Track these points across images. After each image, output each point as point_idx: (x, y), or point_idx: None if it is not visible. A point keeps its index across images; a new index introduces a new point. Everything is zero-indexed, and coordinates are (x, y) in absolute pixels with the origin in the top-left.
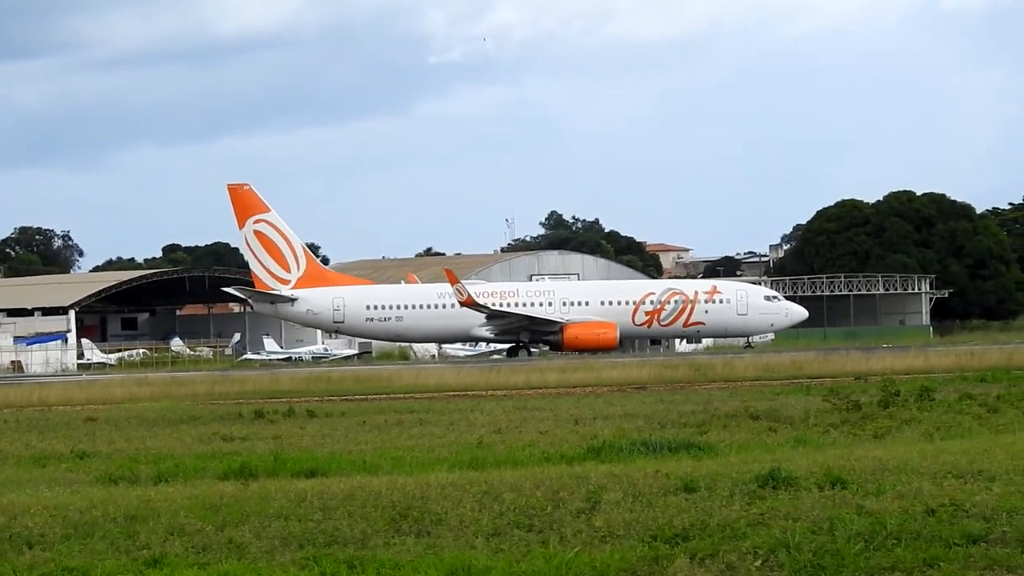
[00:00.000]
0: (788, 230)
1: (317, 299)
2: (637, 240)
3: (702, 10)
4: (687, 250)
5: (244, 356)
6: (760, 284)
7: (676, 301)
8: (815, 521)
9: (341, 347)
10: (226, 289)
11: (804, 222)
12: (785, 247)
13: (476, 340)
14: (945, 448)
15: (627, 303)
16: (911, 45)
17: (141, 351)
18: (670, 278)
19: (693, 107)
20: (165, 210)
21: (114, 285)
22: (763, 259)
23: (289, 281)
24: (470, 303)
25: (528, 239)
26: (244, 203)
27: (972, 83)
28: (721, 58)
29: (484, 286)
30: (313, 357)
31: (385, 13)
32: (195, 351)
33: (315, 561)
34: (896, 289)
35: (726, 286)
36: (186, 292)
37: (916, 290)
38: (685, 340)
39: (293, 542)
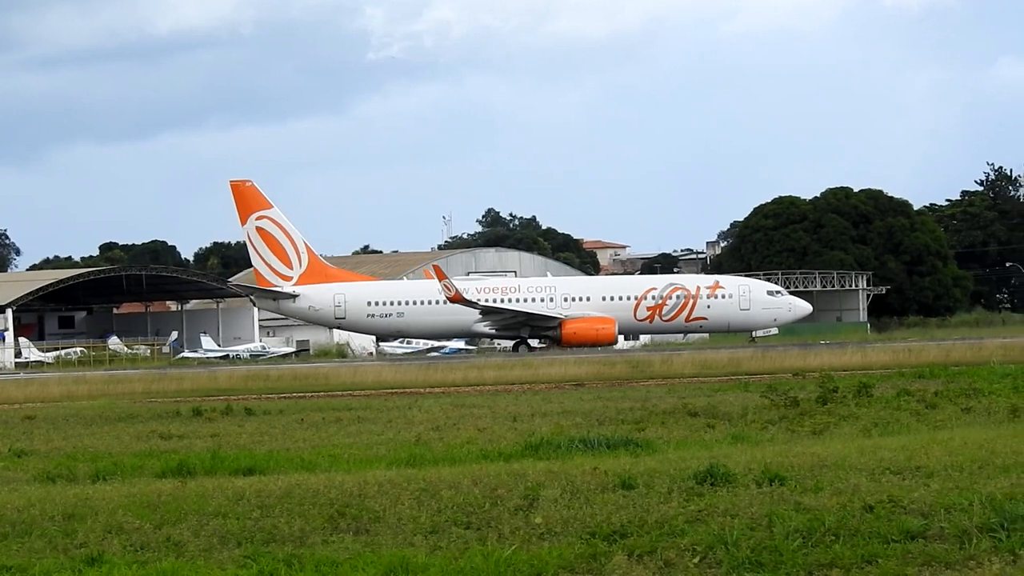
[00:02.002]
0: (725, 227)
1: (319, 295)
2: (574, 237)
3: (642, 8)
4: (624, 247)
5: (181, 354)
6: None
7: (678, 296)
8: (753, 518)
9: (278, 345)
10: (231, 285)
11: (741, 219)
12: (722, 244)
13: (478, 336)
14: (883, 444)
15: (629, 298)
16: (851, 42)
17: (78, 349)
18: (608, 275)
19: (631, 104)
20: (102, 208)
21: (51, 284)
22: (700, 256)
23: (291, 277)
24: (458, 299)
25: (465, 236)
26: (246, 200)
27: (911, 80)
28: (660, 56)
29: (485, 281)
30: (251, 355)
31: (323, 10)
32: (132, 349)
33: (253, 559)
34: (833, 286)
35: (728, 281)
36: (123, 290)
37: (854, 287)
38: (623, 338)
39: (231, 540)
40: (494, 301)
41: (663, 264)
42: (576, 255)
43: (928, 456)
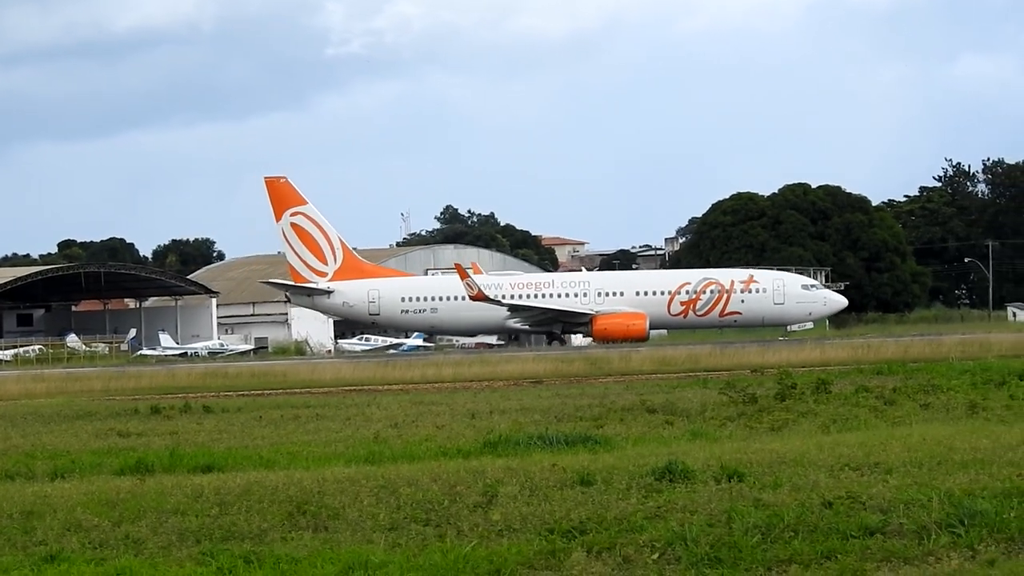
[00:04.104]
0: (683, 223)
1: (353, 292)
2: (532, 234)
3: (602, 6)
4: (583, 244)
5: (140, 352)
6: None
7: (712, 291)
8: (712, 514)
9: (236, 342)
10: (266, 281)
11: (700, 215)
12: (680, 240)
13: (510, 332)
14: (842, 440)
15: (662, 294)
16: (810, 38)
17: (37, 347)
18: (567, 271)
19: (590, 101)
20: (61, 206)
21: (9, 282)
22: (659, 252)
23: (326, 273)
24: (480, 297)
25: (423, 233)
26: (281, 196)
27: (870, 76)
28: (620, 53)
29: (519, 277)
30: (209, 353)
31: (283, 7)
32: (91, 347)
33: (212, 556)
34: None
35: (763, 275)
36: (82, 288)
37: None
38: (582, 335)
39: (190, 537)
40: (526, 297)
41: (621, 260)
42: (535, 252)
43: (887, 452)
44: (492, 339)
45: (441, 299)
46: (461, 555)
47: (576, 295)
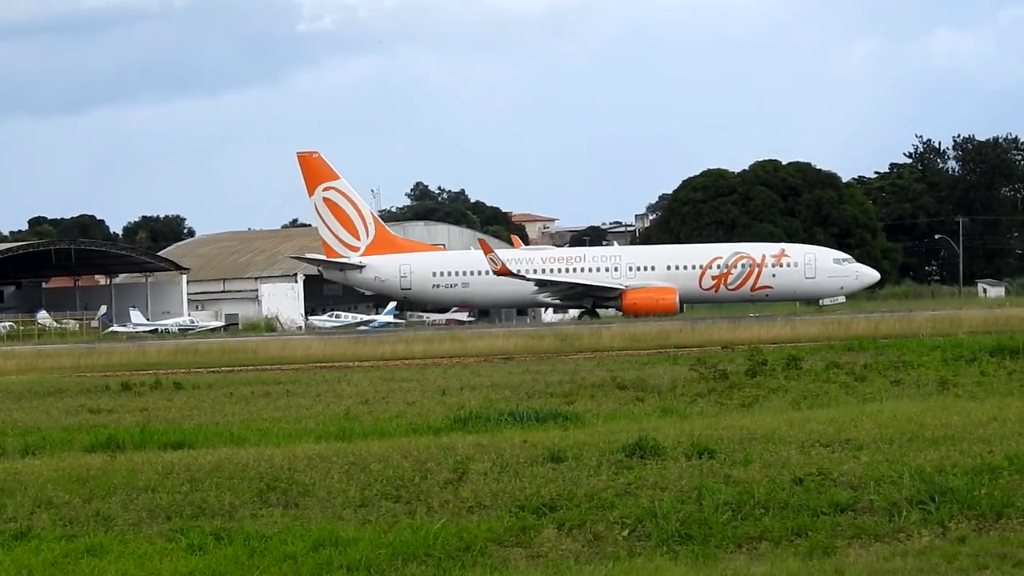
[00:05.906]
0: (654, 199)
1: (385, 266)
2: (503, 210)
3: None
4: (553, 220)
5: (110, 328)
6: None
7: (743, 265)
8: (683, 491)
9: (207, 319)
10: (299, 256)
11: (670, 191)
12: (651, 216)
13: (542, 306)
14: (812, 417)
15: (693, 268)
16: (782, 13)
17: (7, 324)
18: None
19: (561, 77)
20: (31, 182)
21: None
22: (629, 229)
23: (359, 248)
24: (504, 272)
25: (394, 210)
26: (313, 171)
27: (840, 52)
28: (590, 29)
29: (550, 251)
30: (179, 329)
31: None
32: (61, 324)
33: (183, 533)
34: None
35: (794, 249)
36: (52, 265)
37: None
38: (552, 311)
39: (161, 514)
40: (557, 271)
41: (592, 237)
42: (505, 228)
43: (857, 429)
44: (463, 315)
45: (472, 273)
46: (431, 532)
47: (607, 269)
